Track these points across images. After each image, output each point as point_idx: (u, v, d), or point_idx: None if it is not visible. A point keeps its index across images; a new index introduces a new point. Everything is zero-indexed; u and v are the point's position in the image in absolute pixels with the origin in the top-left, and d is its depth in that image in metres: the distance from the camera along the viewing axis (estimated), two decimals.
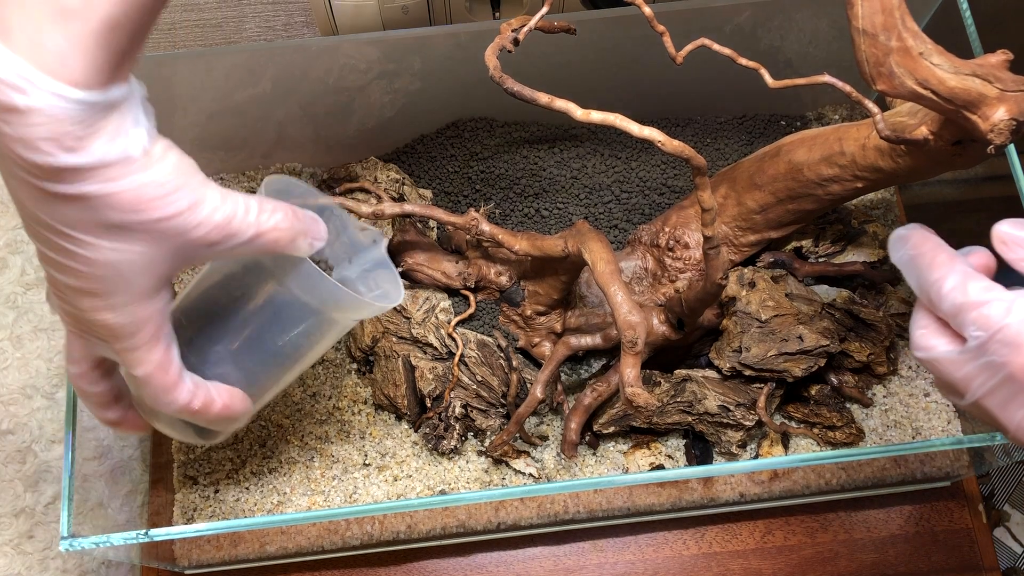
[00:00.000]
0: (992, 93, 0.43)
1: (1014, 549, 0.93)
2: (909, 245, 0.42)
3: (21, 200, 0.38)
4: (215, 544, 0.65)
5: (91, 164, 0.36)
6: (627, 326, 0.51)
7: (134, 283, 0.41)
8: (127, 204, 0.38)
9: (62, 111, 0.35)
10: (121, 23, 0.36)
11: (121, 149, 0.37)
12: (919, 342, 0.41)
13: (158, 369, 0.44)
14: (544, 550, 0.71)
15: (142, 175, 0.38)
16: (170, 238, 0.40)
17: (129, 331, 0.42)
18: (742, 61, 0.51)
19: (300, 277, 0.48)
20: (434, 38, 0.65)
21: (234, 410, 0.48)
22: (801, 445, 0.68)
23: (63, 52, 0.34)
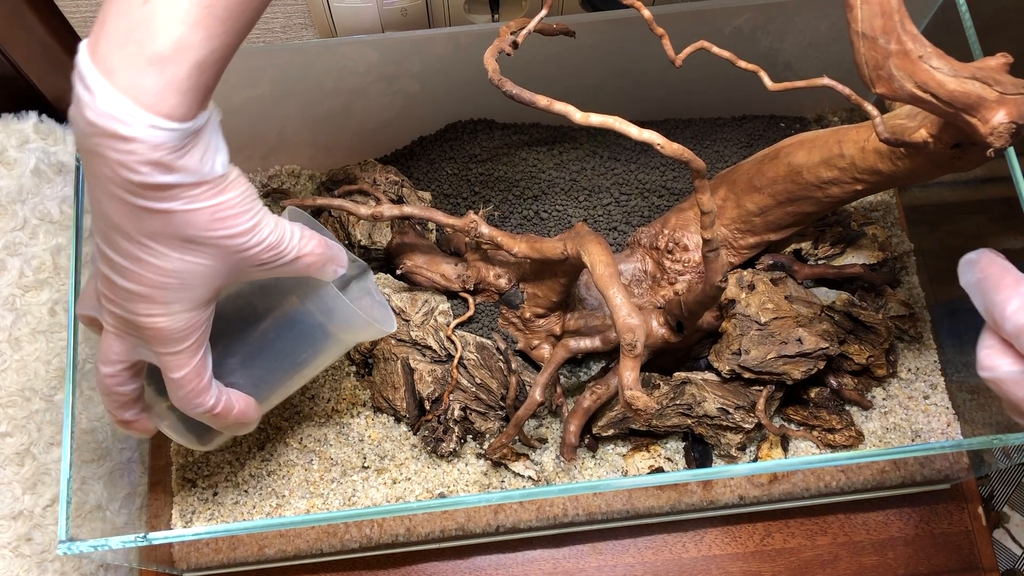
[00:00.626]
0: (992, 96, 0.43)
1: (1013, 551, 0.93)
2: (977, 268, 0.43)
3: (107, 213, 0.43)
4: (214, 547, 0.65)
5: (180, 183, 0.42)
6: (626, 329, 0.51)
7: (193, 293, 0.46)
8: (203, 222, 0.43)
9: (158, 139, 0.40)
10: (208, 63, 0.41)
11: (205, 171, 0.42)
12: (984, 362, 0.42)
13: (194, 373, 0.49)
14: (543, 553, 0.71)
15: (219, 197, 0.43)
16: (231, 254, 0.45)
17: (178, 336, 0.47)
18: (741, 64, 0.51)
19: (321, 299, 0.54)
20: (433, 40, 0.65)
21: (248, 416, 0.54)
22: (800, 448, 0.68)
23: (159, 90, 0.40)
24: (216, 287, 0.47)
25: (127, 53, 0.40)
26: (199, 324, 0.48)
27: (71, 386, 0.56)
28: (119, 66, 0.40)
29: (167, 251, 0.44)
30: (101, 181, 0.42)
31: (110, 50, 0.40)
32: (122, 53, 0.40)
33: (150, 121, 0.40)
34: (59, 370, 0.67)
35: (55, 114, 0.71)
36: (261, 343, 0.55)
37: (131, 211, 0.42)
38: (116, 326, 0.48)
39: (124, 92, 0.40)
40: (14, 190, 0.68)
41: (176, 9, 0.40)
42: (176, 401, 0.51)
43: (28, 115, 0.70)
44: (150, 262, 0.44)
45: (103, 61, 0.40)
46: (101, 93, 0.40)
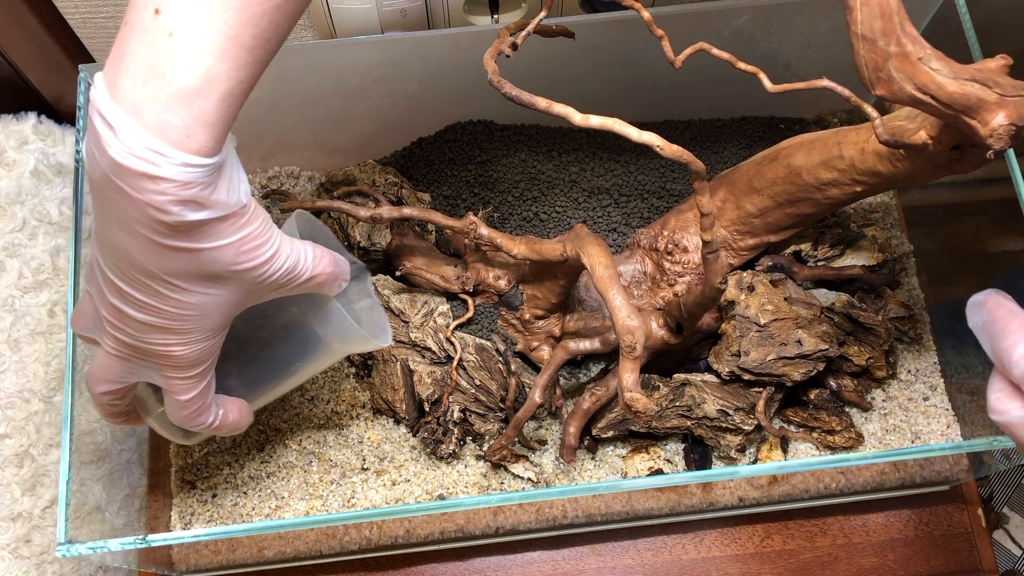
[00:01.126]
0: (991, 98, 0.43)
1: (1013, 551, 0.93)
2: (984, 311, 0.43)
3: (126, 250, 0.41)
4: (213, 549, 0.65)
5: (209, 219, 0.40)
6: (626, 331, 0.51)
7: (211, 322, 0.45)
8: (229, 257, 0.42)
9: (188, 177, 0.39)
10: (234, 94, 0.40)
11: (232, 203, 0.41)
12: (994, 405, 0.42)
13: (199, 396, 0.49)
14: (543, 554, 0.71)
15: (244, 230, 0.42)
16: (250, 282, 0.45)
17: (191, 363, 0.47)
18: (741, 65, 0.51)
19: (323, 313, 0.54)
20: (432, 41, 0.65)
21: (241, 423, 0.54)
22: (800, 449, 0.68)
23: (187, 126, 0.38)
24: (233, 314, 0.47)
25: (152, 89, 0.38)
26: (212, 350, 0.48)
27: (70, 387, 0.56)
28: (144, 103, 0.38)
29: (189, 287, 0.43)
30: (123, 220, 0.40)
31: (133, 86, 0.38)
32: (147, 89, 0.38)
33: (181, 159, 0.38)
34: (58, 371, 0.67)
35: (54, 115, 0.71)
36: (258, 349, 0.56)
37: (156, 250, 0.41)
38: (121, 351, 0.47)
39: (151, 130, 0.38)
40: (13, 191, 0.68)
41: (202, 40, 0.38)
42: (176, 419, 0.51)
43: (27, 116, 0.70)
44: (172, 297, 0.43)
45: (126, 98, 0.38)
46: (127, 132, 0.38)
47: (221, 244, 0.42)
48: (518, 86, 0.49)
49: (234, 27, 0.38)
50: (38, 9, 0.66)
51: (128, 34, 0.39)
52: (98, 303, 0.46)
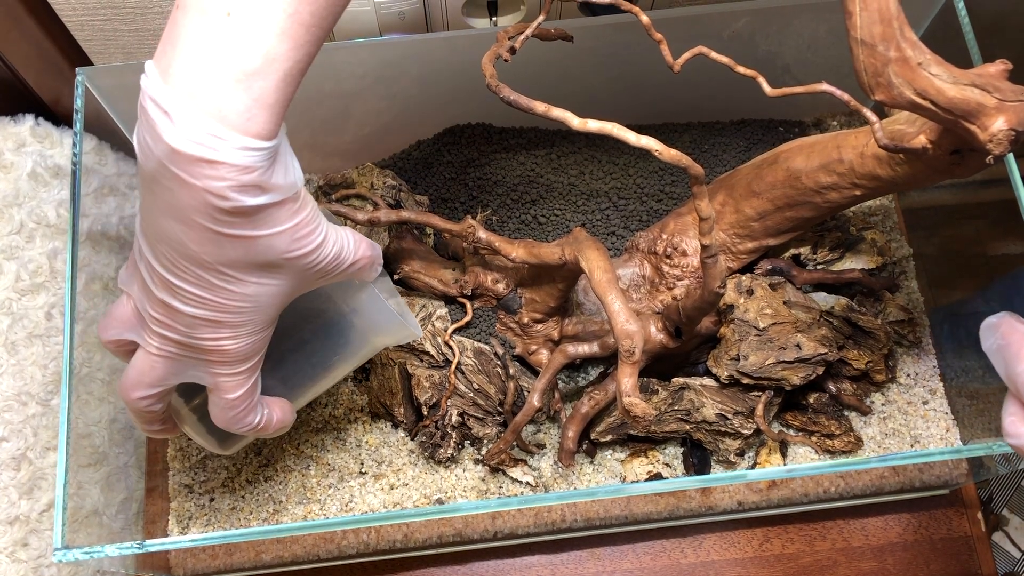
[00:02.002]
0: (991, 103, 0.43)
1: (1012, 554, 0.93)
2: (998, 334, 0.44)
3: (180, 241, 0.40)
4: (210, 553, 0.64)
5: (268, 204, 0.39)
6: (624, 335, 0.51)
7: (264, 314, 0.45)
8: (284, 244, 0.42)
9: (249, 161, 0.38)
10: (292, 75, 0.39)
11: (289, 185, 0.40)
12: (1009, 429, 0.43)
13: (247, 394, 0.48)
14: (541, 558, 0.71)
15: (297, 216, 0.42)
16: (302, 270, 0.44)
17: (242, 357, 0.46)
18: (740, 69, 0.51)
19: (361, 302, 0.54)
20: (431, 44, 0.65)
21: (285, 423, 0.53)
22: (799, 453, 0.68)
23: (247, 109, 0.37)
24: (283, 305, 0.46)
25: (210, 71, 0.37)
26: (262, 344, 0.47)
27: (67, 390, 0.56)
28: (202, 86, 0.37)
29: (244, 277, 0.42)
30: (178, 209, 0.39)
31: (189, 70, 0.37)
32: (204, 72, 0.37)
33: (241, 143, 0.37)
34: (55, 374, 0.67)
35: (52, 117, 0.71)
36: (296, 346, 0.55)
37: (212, 239, 0.40)
38: (167, 350, 0.46)
39: (210, 114, 0.37)
40: (10, 194, 0.68)
41: (262, 19, 0.37)
42: (222, 420, 0.49)
43: (24, 118, 0.69)
44: (225, 289, 0.42)
45: (181, 82, 0.37)
46: (184, 117, 0.37)
47: (277, 231, 0.41)
48: (516, 90, 0.49)
49: (293, 4, 0.38)
50: (36, 12, 0.66)
51: (182, 17, 0.38)
52: (142, 302, 0.45)
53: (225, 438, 0.56)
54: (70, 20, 0.66)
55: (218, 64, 0.37)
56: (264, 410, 0.50)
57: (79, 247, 0.59)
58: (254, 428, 0.50)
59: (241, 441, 0.57)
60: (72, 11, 0.65)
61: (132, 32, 0.67)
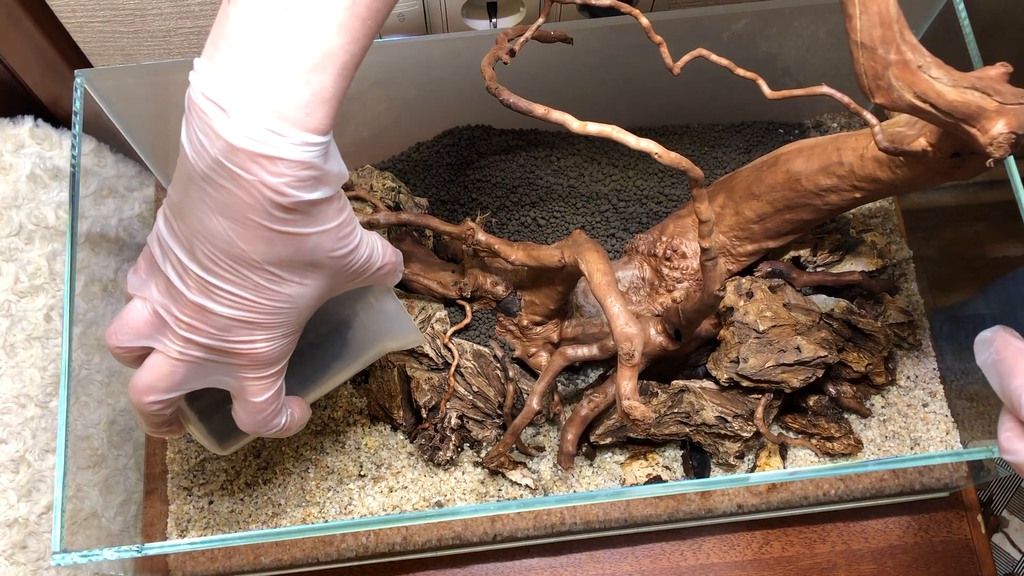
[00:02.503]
0: (991, 106, 0.42)
1: (1012, 555, 0.93)
2: (992, 349, 0.44)
3: (232, 242, 0.40)
4: (209, 556, 0.64)
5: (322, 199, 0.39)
6: (624, 338, 0.51)
7: (300, 316, 0.45)
8: (330, 243, 0.42)
9: (307, 156, 0.37)
10: (348, 68, 0.39)
11: (337, 184, 0.40)
12: (1004, 445, 0.43)
13: (274, 396, 0.47)
14: (541, 561, 0.71)
15: (343, 213, 0.42)
16: (339, 271, 0.44)
17: (272, 360, 0.45)
18: (740, 71, 0.51)
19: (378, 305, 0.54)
20: (430, 46, 0.65)
21: (303, 421, 0.52)
22: (799, 456, 0.68)
23: (305, 104, 0.37)
24: (317, 307, 0.46)
25: (267, 66, 0.36)
26: (291, 347, 0.46)
27: (66, 392, 0.56)
28: (259, 81, 0.36)
29: (289, 276, 0.42)
30: (231, 208, 0.39)
31: (245, 64, 0.36)
32: (261, 66, 0.36)
33: (300, 139, 0.37)
34: (54, 376, 0.67)
35: (51, 119, 0.71)
36: (312, 346, 0.54)
37: (265, 237, 0.39)
38: (192, 355, 0.45)
39: (268, 110, 0.36)
40: (9, 195, 0.68)
41: (319, 12, 0.36)
42: (249, 424, 0.49)
43: (24, 120, 0.69)
44: (270, 289, 0.42)
45: (237, 77, 0.36)
46: (241, 112, 0.36)
47: (326, 228, 0.41)
48: (516, 92, 0.49)
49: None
50: (35, 13, 0.66)
51: (235, 11, 0.37)
52: (166, 306, 0.44)
53: (225, 438, 0.55)
54: (69, 22, 0.66)
55: (275, 59, 0.37)
56: (288, 411, 0.50)
57: (78, 249, 0.59)
58: (281, 429, 0.50)
59: (241, 441, 0.57)
60: (71, 13, 0.65)
61: (131, 34, 0.67)
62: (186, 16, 0.66)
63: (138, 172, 0.74)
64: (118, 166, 0.72)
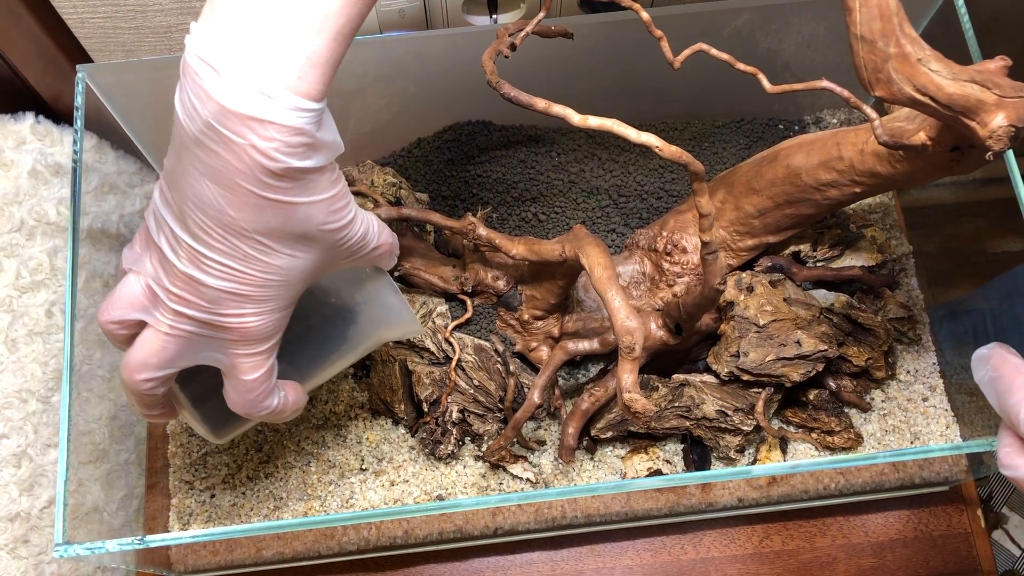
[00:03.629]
0: (991, 100, 0.43)
1: (1012, 551, 0.93)
2: (990, 366, 0.44)
3: (221, 209, 0.39)
4: (211, 549, 0.65)
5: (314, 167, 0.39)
6: (624, 332, 0.51)
7: (291, 290, 0.44)
8: (321, 214, 0.41)
9: (299, 122, 0.37)
10: (344, 33, 0.38)
11: (331, 154, 0.40)
12: (1004, 460, 0.43)
13: (266, 376, 0.47)
14: (541, 555, 0.71)
15: (335, 186, 0.41)
16: (332, 246, 0.43)
17: (264, 336, 0.45)
18: (740, 66, 0.51)
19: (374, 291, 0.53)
20: (431, 41, 0.65)
21: (299, 406, 0.51)
22: (799, 450, 0.68)
23: (299, 67, 0.37)
24: (309, 282, 0.45)
25: (261, 28, 0.36)
26: (283, 324, 0.45)
27: (68, 387, 0.56)
28: (252, 43, 0.36)
29: (279, 247, 0.41)
30: (222, 172, 0.38)
31: (239, 26, 0.36)
32: (255, 28, 0.36)
33: (292, 103, 0.36)
34: (56, 371, 0.67)
35: (52, 115, 0.71)
36: (308, 331, 0.54)
37: (254, 205, 0.39)
38: (182, 328, 0.44)
39: (261, 72, 0.36)
40: (11, 191, 0.68)
41: None
42: (240, 404, 0.48)
43: (25, 116, 0.69)
44: (259, 260, 0.41)
45: (231, 39, 0.36)
46: (234, 75, 0.36)
47: (316, 199, 0.40)
48: (517, 86, 0.49)
49: None
50: (36, 9, 0.66)
51: None
52: (158, 278, 0.44)
53: (221, 426, 0.55)
54: (70, 17, 0.66)
55: (269, 21, 0.36)
56: (280, 393, 0.49)
57: (79, 245, 0.59)
58: (272, 412, 0.49)
59: (236, 430, 0.56)
60: (72, 8, 0.65)
61: (132, 29, 0.67)
62: (187, 12, 0.67)
63: (139, 168, 0.75)
64: (119, 162, 0.72)
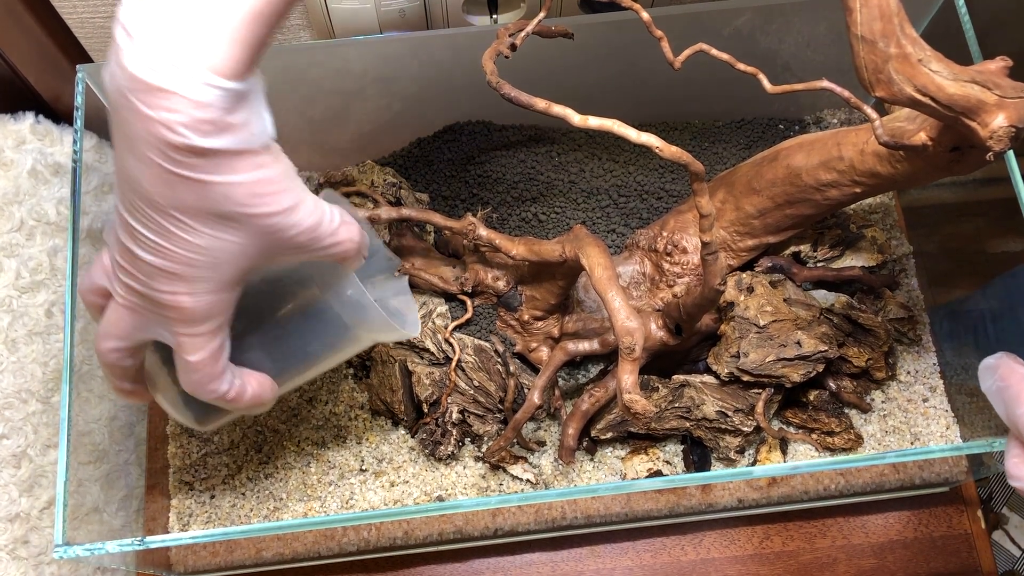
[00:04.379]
0: (991, 100, 0.43)
1: (1012, 552, 0.93)
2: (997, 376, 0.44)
3: (136, 179, 0.39)
4: (211, 550, 0.65)
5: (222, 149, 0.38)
6: (625, 332, 0.51)
7: (221, 272, 0.42)
8: (242, 196, 0.40)
9: (205, 97, 0.36)
10: (265, 14, 0.37)
11: (249, 140, 0.39)
12: (1012, 471, 0.43)
13: (210, 358, 0.45)
14: (542, 556, 0.71)
15: (261, 171, 0.40)
16: (267, 234, 0.42)
17: (200, 317, 0.44)
18: (740, 66, 0.51)
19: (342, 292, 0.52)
20: (431, 41, 0.65)
21: (262, 398, 0.50)
22: (799, 451, 0.68)
23: (210, 40, 0.36)
24: (245, 268, 0.44)
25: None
26: (223, 305, 0.44)
27: (68, 388, 0.56)
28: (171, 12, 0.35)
29: (199, 226, 0.40)
30: (134, 143, 0.38)
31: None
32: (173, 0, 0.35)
33: (200, 76, 0.36)
34: (56, 372, 0.67)
35: (52, 115, 0.71)
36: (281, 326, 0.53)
37: (164, 179, 0.38)
38: (131, 300, 0.44)
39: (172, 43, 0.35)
40: (11, 191, 0.68)
41: None
42: (187, 384, 0.47)
43: (25, 116, 0.69)
44: (181, 237, 0.40)
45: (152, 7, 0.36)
46: (145, 43, 0.35)
47: (232, 181, 0.39)
48: (517, 87, 0.49)
49: None
50: (36, 9, 0.66)
51: None
52: (112, 249, 0.44)
53: (202, 414, 0.54)
54: (70, 17, 0.66)
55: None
56: (235, 380, 0.48)
57: (79, 245, 0.59)
58: (221, 397, 0.48)
59: (219, 419, 0.55)
60: (72, 8, 0.65)
61: None
62: None
63: None
64: None
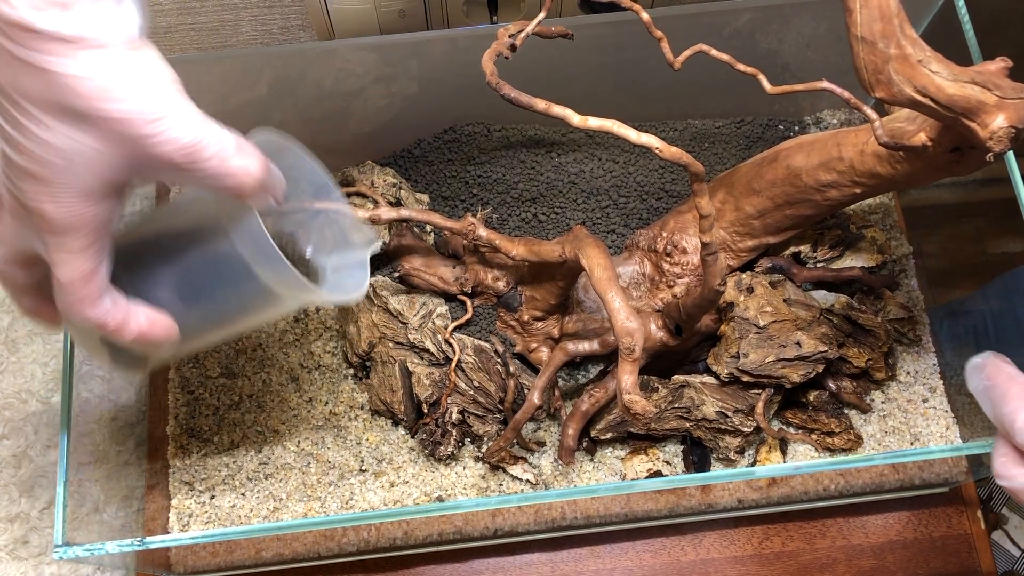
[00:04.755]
0: (991, 101, 0.43)
1: (1012, 552, 0.93)
2: (984, 375, 0.44)
3: None
4: (211, 551, 0.65)
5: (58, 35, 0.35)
6: (624, 333, 0.51)
7: (82, 179, 0.39)
8: (89, 91, 0.37)
9: None
10: None
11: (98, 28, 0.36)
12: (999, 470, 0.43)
13: (80, 278, 0.42)
14: (541, 556, 0.71)
15: (112, 66, 0.37)
16: (128, 143, 0.39)
17: (64, 228, 0.41)
18: (740, 66, 0.51)
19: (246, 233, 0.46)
20: (431, 42, 0.65)
21: (153, 336, 0.46)
22: (799, 451, 0.68)
23: None
24: (110, 179, 0.40)
25: None
26: (89, 220, 0.41)
27: (68, 388, 0.56)
28: None
29: (50, 121, 0.37)
30: None
31: None
32: None
33: None
34: (56, 372, 0.67)
35: None
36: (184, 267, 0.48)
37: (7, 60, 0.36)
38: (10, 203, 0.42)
39: None
40: None
41: None
42: (62, 308, 0.44)
43: None
44: (32, 131, 0.38)
45: None
46: None
47: (78, 75, 0.36)
48: (517, 87, 0.49)
49: None
50: None
51: None
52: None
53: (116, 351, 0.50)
54: None
55: None
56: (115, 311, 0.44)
57: None
58: (99, 326, 0.44)
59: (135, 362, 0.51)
60: None
61: None
62: (187, 12, 0.67)
63: None
64: None
